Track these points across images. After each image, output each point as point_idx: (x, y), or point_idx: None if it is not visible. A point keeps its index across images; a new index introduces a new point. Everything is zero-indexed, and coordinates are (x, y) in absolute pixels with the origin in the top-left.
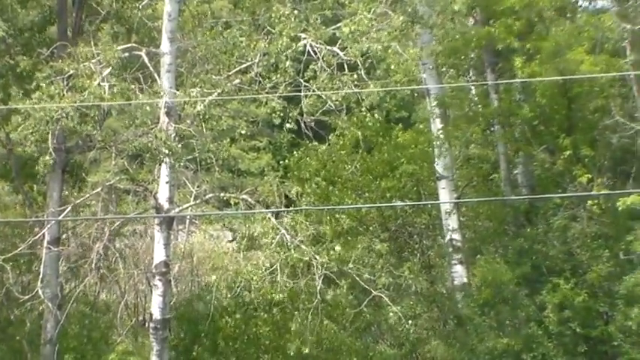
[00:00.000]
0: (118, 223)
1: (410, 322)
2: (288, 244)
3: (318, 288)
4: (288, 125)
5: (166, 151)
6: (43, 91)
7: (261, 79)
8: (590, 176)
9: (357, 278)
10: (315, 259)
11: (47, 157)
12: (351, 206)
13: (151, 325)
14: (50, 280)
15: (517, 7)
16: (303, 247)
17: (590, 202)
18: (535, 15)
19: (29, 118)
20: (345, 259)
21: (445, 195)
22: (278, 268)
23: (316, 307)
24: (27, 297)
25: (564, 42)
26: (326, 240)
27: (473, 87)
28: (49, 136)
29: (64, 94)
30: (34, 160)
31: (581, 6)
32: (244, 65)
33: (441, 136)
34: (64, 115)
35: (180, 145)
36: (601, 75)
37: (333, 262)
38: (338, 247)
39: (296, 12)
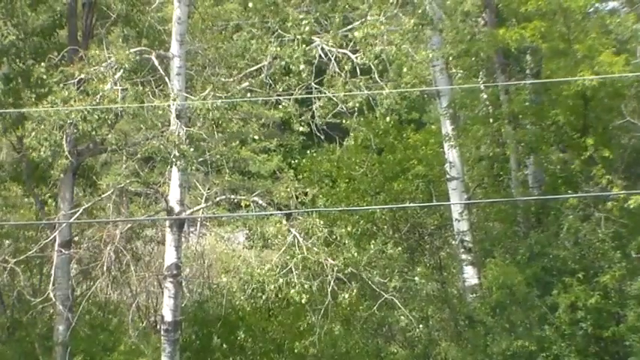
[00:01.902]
0: (129, 226)
1: (420, 326)
2: (301, 246)
3: (329, 290)
4: (301, 128)
5: (178, 154)
6: (57, 96)
7: (271, 81)
8: (609, 177)
9: (369, 281)
10: (327, 259)
11: (65, 161)
12: (361, 208)
13: (163, 327)
14: (61, 283)
15: (544, 9)
16: (315, 249)
17: (610, 203)
18: (560, 16)
19: (43, 123)
20: (357, 261)
21: (456, 196)
22: (293, 269)
23: (327, 308)
24: (38, 299)
25: (594, 44)
26: (339, 242)
27: (484, 88)
28: (64, 140)
29: (76, 99)
30: (46, 163)
31: (595, 5)
32: (254, 68)
33: (452, 137)
34: (81, 119)
35: (192, 149)
36: (624, 75)
37: (346, 265)
38: (352, 251)
39: (309, 16)
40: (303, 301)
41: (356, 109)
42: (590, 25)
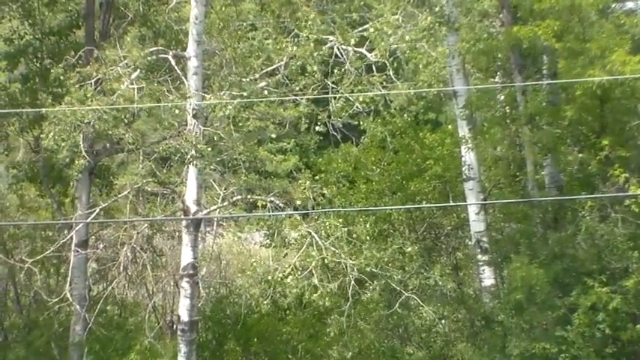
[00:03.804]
0: (145, 226)
1: (444, 321)
2: (320, 247)
3: (350, 290)
4: (317, 128)
5: (197, 154)
6: (73, 96)
7: (288, 81)
8: (627, 176)
9: (389, 280)
10: (347, 260)
11: (81, 161)
12: (378, 208)
13: (179, 327)
14: (78, 283)
15: (558, 7)
16: (334, 249)
17: (627, 201)
18: (575, 16)
19: (60, 123)
20: (377, 260)
21: (472, 196)
22: (313, 272)
23: (348, 309)
24: (55, 299)
25: (608, 44)
26: (358, 241)
27: (500, 89)
28: (81, 140)
29: (93, 100)
30: (63, 164)
31: (610, 7)
32: (271, 68)
33: (469, 137)
34: (97, 118)
35: (210, 148)
36: (637, 77)
37: (366, 264)
38: (372, 249)
39: (322, 16)
40: (327, 304)
41: (372, 107)
42: (606, 24)
